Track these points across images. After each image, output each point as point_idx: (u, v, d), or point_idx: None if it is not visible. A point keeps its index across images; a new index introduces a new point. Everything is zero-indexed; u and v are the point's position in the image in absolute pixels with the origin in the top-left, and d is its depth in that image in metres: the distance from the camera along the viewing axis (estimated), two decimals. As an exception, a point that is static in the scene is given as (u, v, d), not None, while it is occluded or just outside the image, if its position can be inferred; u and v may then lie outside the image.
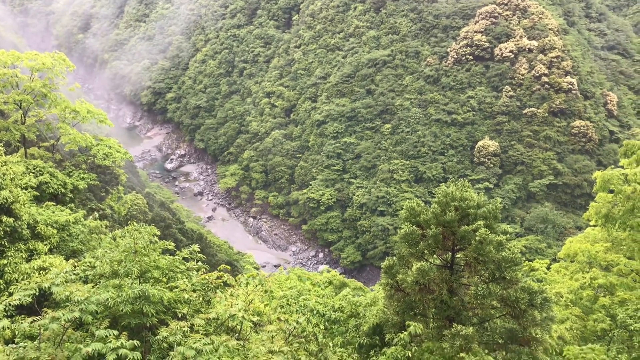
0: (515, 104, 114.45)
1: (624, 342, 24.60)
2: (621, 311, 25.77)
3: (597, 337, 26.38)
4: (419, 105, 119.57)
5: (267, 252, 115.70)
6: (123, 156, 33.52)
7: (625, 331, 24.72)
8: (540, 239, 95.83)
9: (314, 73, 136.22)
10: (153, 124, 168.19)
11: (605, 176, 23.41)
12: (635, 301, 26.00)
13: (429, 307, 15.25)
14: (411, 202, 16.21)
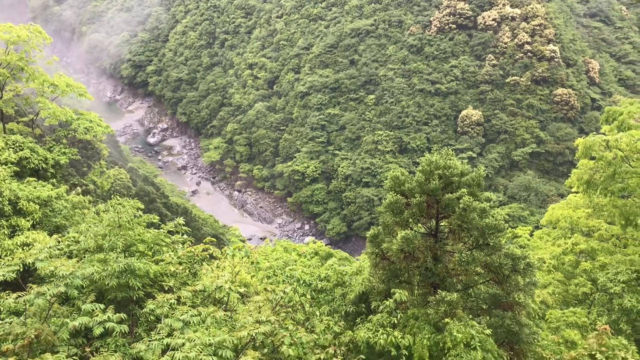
0: (499, 73, 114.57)
1: (604, 305, 25.20)
2: (602, 275, 26.34)
3: (579, 301, 26.97)
4: (402, 75, 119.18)
5: (252, 225, 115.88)
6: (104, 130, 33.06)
7: (605, 294, 25.31)
8: (523, 207, 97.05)
9: (296, 44, 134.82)
10: (134, 98, 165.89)
11: (586, 143, 23.64)
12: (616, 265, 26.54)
13: (414, 274, 15.40)
14: (395, 172, 16.23)
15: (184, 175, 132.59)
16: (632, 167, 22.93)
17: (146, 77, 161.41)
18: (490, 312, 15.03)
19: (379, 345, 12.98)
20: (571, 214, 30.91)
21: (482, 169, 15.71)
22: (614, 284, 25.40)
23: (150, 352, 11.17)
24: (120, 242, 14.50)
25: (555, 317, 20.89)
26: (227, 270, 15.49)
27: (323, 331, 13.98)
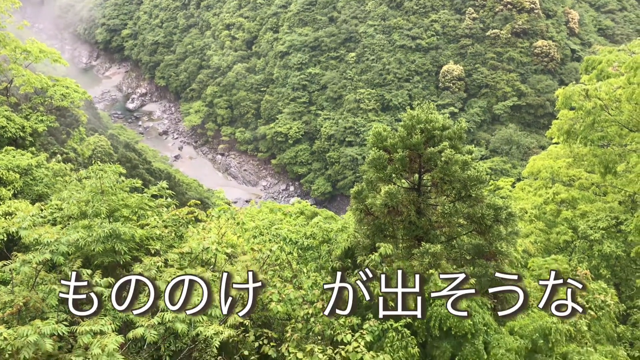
0: (479, 26, 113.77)
1: (585, 251, 25.85)
2: (582, 223, 26.92)
3: (560, 249, 27.61)
4: (382, 31, 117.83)
5: (237, 188, 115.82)
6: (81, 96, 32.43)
7: (585, 241, 25.92)
8: (505, 160, 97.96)
9: (274, 2, 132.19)
10: (111, 63, 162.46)
11: (566, 93, 23.75)
12: (596, 213, 27.11)
13: (398, 228, 15.60)
14: (378, 127, 16.23)
15: (165, 141, 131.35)
16: (611, 116, 23.15)
17: (122, 42, 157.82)
18: (474, 262, 15.34)
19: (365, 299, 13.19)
20: (552, 164, 31.30)
21: (463, 121, 15.77)
22: (594, 231, 26.00)
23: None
24: (104, 207, 14.42)
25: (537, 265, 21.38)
26: (213, 231, 15.54)
27: (310, 287, 14.19)
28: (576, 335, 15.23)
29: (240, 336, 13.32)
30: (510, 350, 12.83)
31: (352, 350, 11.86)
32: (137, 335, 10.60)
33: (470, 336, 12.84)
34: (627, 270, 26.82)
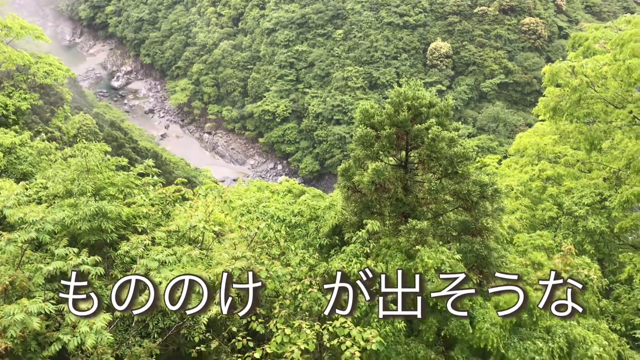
0: (467, 3, 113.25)
1: (570, 227, 26.19)
2: (567, 199, 27.22)
3: (545, 225, 27.93)
4: (370, 8, 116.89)
5: (225, 167, 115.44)
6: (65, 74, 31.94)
7: (570, 217, 26.25)
8: (492, 138, 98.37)
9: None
10: (95, 41, 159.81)
11: (553, 69, 23.78)
12: (581, 189, 27.39)
13: (385, 205, 15.66)
14: (365, 105, 16.19)
15: (151, 119, 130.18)
16: (597, 93, 23.25)
17: (106, 18, 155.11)
18: (460, 238, 15.49)
19: (353, 274, 13.31)
20: (538, 141, 31.50)
21: (450, 98, 15.77)
22: (578, 207, 26.31)
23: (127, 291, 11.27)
24: (90, 186, 14.31)
25: (522, 241, 21.63)
26: (200, 210, 15.51)
27: (298, 264, 14.27)
28: (560, 309, 15.47)
29: (228, 313, 13.41)
30: (495, 324, 13.04)
31: (340, 325, 11.98)
32: (124, 313, 10.59)
33: (456, 311, 12.99)
34: (610, 245, 27.25)
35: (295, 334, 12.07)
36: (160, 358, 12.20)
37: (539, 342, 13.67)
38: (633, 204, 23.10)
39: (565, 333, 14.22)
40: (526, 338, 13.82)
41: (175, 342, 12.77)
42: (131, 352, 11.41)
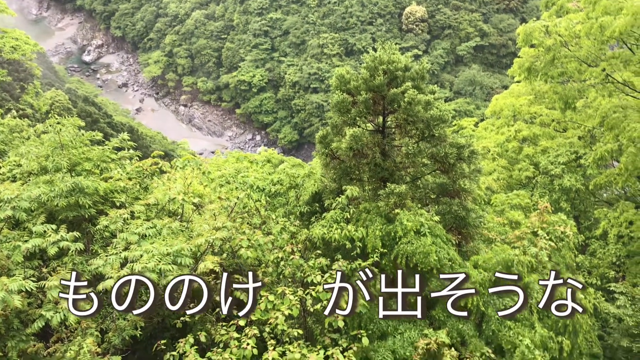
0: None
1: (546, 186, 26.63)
2: (543, 159, 27.60)
3: (522, 185, 28.36)
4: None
5: (202, 139, 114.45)
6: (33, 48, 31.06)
7: (547, 176, 26.67)
8: (469, 102, 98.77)
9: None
10: (63, 14, 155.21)
11: (527, 30, 23.79)
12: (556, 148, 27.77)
13: (364, 171, 15.72)
14: (340, 70, 16.08)
15: (125, 93, 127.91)
16: (571, 52, 23.36)
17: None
18: (438, 200, 15.66)
19: (334, 240, 13.43)
20: (514, 102, 31.71)
21: (425, 60, 15.74)
22: (554, 166, 26.72)
23: (109, 266, 11.26)
24: (65, 161, 14.12)
25: (500, 201, 21.96)
26: (178, 182, 15.42)
27: (279, 232, 14.34)
28: (537, 266, 15.85)
29: (211, 283, 13.49)
30: (474, 283, 13.29)
31: (323, 290, 12.14)
32: (107, 287, 10.60)
33: (435, 271, 13.23)
34: (585, 202, 27.82)
35: (278, 300, 12.21)
36: (145, 330, 12.27)
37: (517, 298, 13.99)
38: (607, 161, 23.51)
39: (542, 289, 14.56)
40: (505, 295, 14.14)
41: (159, 314, 12.82)
42: (116, 325, 11.45)
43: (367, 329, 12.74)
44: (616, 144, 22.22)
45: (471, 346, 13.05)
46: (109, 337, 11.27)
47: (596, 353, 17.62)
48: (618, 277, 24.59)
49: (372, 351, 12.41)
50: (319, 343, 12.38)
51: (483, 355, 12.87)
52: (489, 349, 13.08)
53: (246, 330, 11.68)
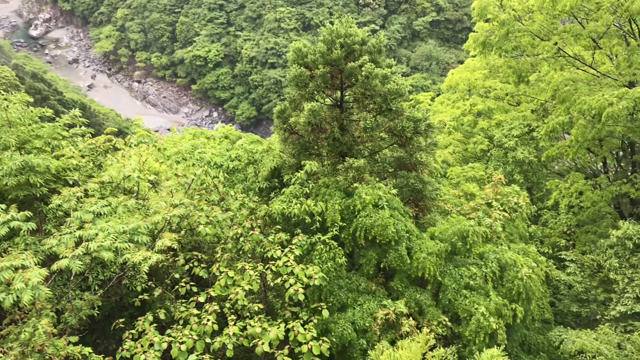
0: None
1: (500, 159, 27.21)
2: (497, 132, 28.16)
3: (477, 158, 28.92)
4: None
5: (158, 116, 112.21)
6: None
7: (501, 149, 27.24)
8: (425, 77, 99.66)
9: None
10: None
11: (481, 4, 24.03)
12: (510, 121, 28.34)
13: (323, 145, 15.70)
14: (297, 44, 15.91)
15: (76, 69, 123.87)
16: (524, 26, 23.75)
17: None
18: (396, 174, 15.83)
19: (293, 215, 13.44)
20: (469, 76, 32.13)
21: (382, 34, 15.71)
22: (508, 139, 27.31)
23: (63, 246, 10.98)
24: (13, 139, 13.59)
25: (455, 174, 22.35)
26: (133, 159, 15.09)
27: (238, 208, 14.25)
28: (492, 236, 16.29)
29: (169, 260, 13.37)
30: (431, 253, 13.57)
31: (282, 264, 12.19)
32: (62, 267, 10.35)
33: (393, 243, 13.43)
34: (538, 174, 28.60)
35: (238, 276, 12.20)
36: (103, 309, 12.10)
37: (473, 268, 14.38)
38: (558, 133, 24.16)
39: (497, 258, 15.00)
40: (461, 265, 14.50)
41: (117, 293, 12.66)
42: (72, 305, 11.23)
43: (327, 302, 12.89)
44: (567, 117, 22.82)
45: (428, 315, 13.37)
46: (65, 317, 11.04)
47: (548, 318, 18.33)
48: (568, 246, 25.50)
49: (332, 323, 12.58)
50: (280, 317, 12.47)
51: (440, 324, 13.21)
52: (446, 318, 13.42)
53: (206, 306, 11.66)
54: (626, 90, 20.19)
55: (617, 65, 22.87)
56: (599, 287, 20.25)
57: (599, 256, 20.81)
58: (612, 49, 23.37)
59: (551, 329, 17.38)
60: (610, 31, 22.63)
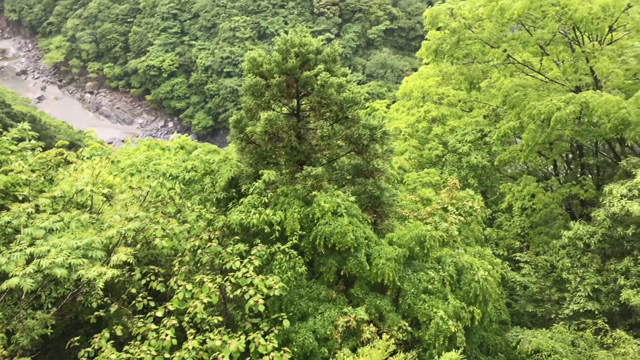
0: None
1: (454, 164, 27.74)
2: (451, 138, 28.72)
3: (432, 163, 29.40)
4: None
5: (111, 127, 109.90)
6: None
7: (455, 155, 27.77)
8: (381, 84, 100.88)
9: None
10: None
11: (433, 12, 24.53)
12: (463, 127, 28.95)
13: (280, 154, 15.70)
14: (252, 53, 15.89)
15: (25, 81, 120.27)
16: (475, 34, 24.36)
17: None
18: (354, 181, 15.94)
19: (252, 225, 13.37)
20: (423, 83, 32.69)
21: (336, 43, 15.85)
22: (462, 145, 27.88)
23: (13, 264, 10.60)
24: (-44, 155, 13.10)
25: (412, 179, 22.68)
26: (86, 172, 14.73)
27: (195, 220, 14.08)
28: (448, 240, 16.57)
29: (126, 275, 13.07)
30: (390, 259, 13.70)
31: (242, 276, 12.08)
32: (12, 286, 9.99)
33: (353, 250, 13.51)
34: (491, 178, 29.28)
35: (197, 288, 12.03)
36: (57, 328, 11.73)
37: (431, 272, 14.58)
38: (510, 138, 24.82)
39: (454, 261, 15.26)
40: (419, 269, 14.69)
41: (72, 311, 12.29)
42: (23, 325, 10.85)
43: (288, 312, 12.85)
44: (518, 122, 23.48)
45: (389, 321, 13.48)
46: (16, 338, 10.65)
47: (505, 319, 18.73)
48: (523, 247, 26.15)
49: (293, 333, 12.53)
50: (240, 329, 12.35)
51: (400, 329, 13.33)
52: (406, 323, 13.56)
53: (164, 321, 11.44)
54: (573, 95, 20.93)
55: (563, 71, 23.70)
56: (552, 287, 20.82)
57: (552, 257, 21.41)
58: (559, 55, 24.21)
59: (508, 329, 17.76)
60: (556, 38, 23.45)
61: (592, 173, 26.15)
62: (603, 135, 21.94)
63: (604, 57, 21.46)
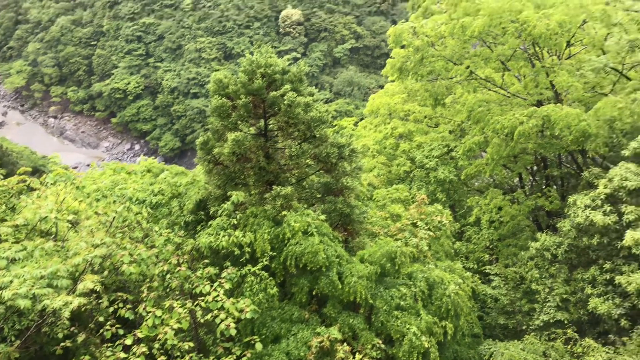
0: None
1: (422, 179, 28.04)
2: (419, 153, 29.06)
3: (401, 179, 29.65)
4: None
5: (76, 152, 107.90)
6: None
7: (422, 170, 28.08)
8: (348, 102, 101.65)
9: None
10: None
11: (396, 31, 24.93)
12: (430, 143, 29.32)
13: (249, 175, 15.64)
14: (218, 74, 15.87)
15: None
16: (437, 51, 24.81)
17: None
18: (324, 199, 15.95)
19: (222, 248, 13.23)
20: (389, 101, 33.09)
21: (302, 63, 15.97)
22: (429, 160, 28.22)
23: (-27, 297, 10.25)
24: None
25: (381, 196, 22.80)
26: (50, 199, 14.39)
27: (163, 244, 13.85)
28: (419, 256, 16.66)
29: (93, 303, 12.74)
30: (362, 277, 13.69)
31: (212, 299, 11.91)
32: (-28, 320, 9.64)
33: (324, 269, 13.46)
34: (459, 192, 29.66)
35: (167, 314, 11.80)
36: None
37: (402, 289, 14.62)
38: (475, 152, 25.24)
39: (425, 277, 15.34)
40: (391, 286, 14.70)
41: (37, 342, 11.90)
42: (-16, 360, 10.46)
43: (261, 334, 12.69)
44: (482, 136, 23.90)
45: (362, 339, 13.42)
46: (-23, 374, 10.27)
47: (477, 333, 18.85)
48: (492, 260, 26.46)
49: (266, 356, 12.38)
50: (212, 354, 12.14)
51: (374, 347, 13.28)
52: (379, 340, 13.52)
53: (134, 348, 11.17)
54: (535, 109, 21.44)
55: (525, 86, 24.28)
56: (523, 299, 21.06)
57: (521, 268, 21.71)
58: (520, 70, 24.81)
59: (481, 342, 17.86)
60: (516, 54, 24.05)
61: (556, 184, 26.70)
62: (565, 147, 22.48)
63: (563, 72, 22.07)
